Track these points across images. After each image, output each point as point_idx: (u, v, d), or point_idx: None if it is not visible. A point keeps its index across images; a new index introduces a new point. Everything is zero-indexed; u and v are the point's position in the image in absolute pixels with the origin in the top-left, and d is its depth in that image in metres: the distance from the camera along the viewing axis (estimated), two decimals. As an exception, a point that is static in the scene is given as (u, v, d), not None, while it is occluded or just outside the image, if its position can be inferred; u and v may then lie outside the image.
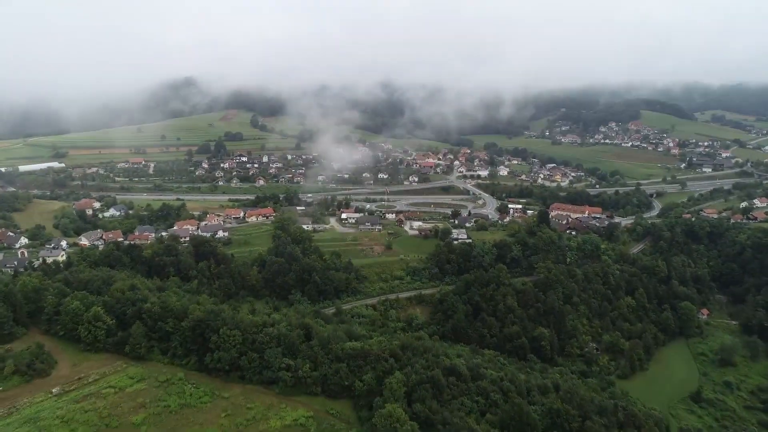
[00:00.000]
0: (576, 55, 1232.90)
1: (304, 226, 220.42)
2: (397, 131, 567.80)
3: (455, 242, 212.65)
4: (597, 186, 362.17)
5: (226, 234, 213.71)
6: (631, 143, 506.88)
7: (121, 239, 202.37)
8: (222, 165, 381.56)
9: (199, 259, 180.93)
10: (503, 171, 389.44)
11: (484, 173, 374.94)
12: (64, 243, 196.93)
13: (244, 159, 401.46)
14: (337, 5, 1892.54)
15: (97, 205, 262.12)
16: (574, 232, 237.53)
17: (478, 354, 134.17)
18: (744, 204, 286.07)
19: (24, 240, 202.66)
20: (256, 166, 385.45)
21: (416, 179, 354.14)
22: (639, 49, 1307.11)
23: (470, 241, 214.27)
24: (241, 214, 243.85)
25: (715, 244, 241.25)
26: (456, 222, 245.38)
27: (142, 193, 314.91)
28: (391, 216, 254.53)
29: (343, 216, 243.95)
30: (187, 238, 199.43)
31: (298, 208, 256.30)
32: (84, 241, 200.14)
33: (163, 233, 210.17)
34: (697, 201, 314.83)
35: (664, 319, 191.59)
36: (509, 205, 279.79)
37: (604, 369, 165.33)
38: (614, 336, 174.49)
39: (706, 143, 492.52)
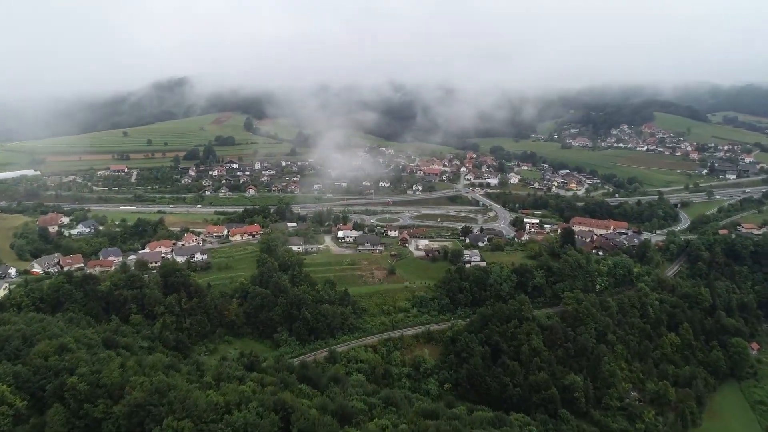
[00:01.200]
0: (581, 54, 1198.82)
1: (295, 248, 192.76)
2: (402, 135, 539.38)
3: (468, 266, 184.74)
4: (616, 195, 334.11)
5: (205, 257, 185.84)
6: (646, 147, 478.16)
7: (80, 265, 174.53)
8: (210, 172, 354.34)
9: (168, 292, 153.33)
10: (513, 178, 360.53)
11: (493, 181, 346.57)
12: (12, 271, 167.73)
13: (235, 166, 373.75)
14: (338, 4, 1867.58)
15: (65, 220, 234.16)
16: (601, 252, 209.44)
17: (504, 424, 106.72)
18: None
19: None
20: (247, 173, 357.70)
21: (420, 188, 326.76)
22: (642, 49, 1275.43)
23: (485, 264, 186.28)
24: (225, 232, 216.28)
25: (760, 265, 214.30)
26: (467, 240, 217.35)
27: (121, 205, 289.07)
28: (393, 233, 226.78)
29: (340, 234, 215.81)
30: (158, 263, 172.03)
31: (289, 224, 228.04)
32: (37, 268, 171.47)
33: (132, 257, 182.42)
34: (728, 212, 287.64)
35: (714, 360, 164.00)
36: (525, 219, 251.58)
37: (650, 426, 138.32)
38: (661, 385, 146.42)
39: (726, 147, 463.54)
